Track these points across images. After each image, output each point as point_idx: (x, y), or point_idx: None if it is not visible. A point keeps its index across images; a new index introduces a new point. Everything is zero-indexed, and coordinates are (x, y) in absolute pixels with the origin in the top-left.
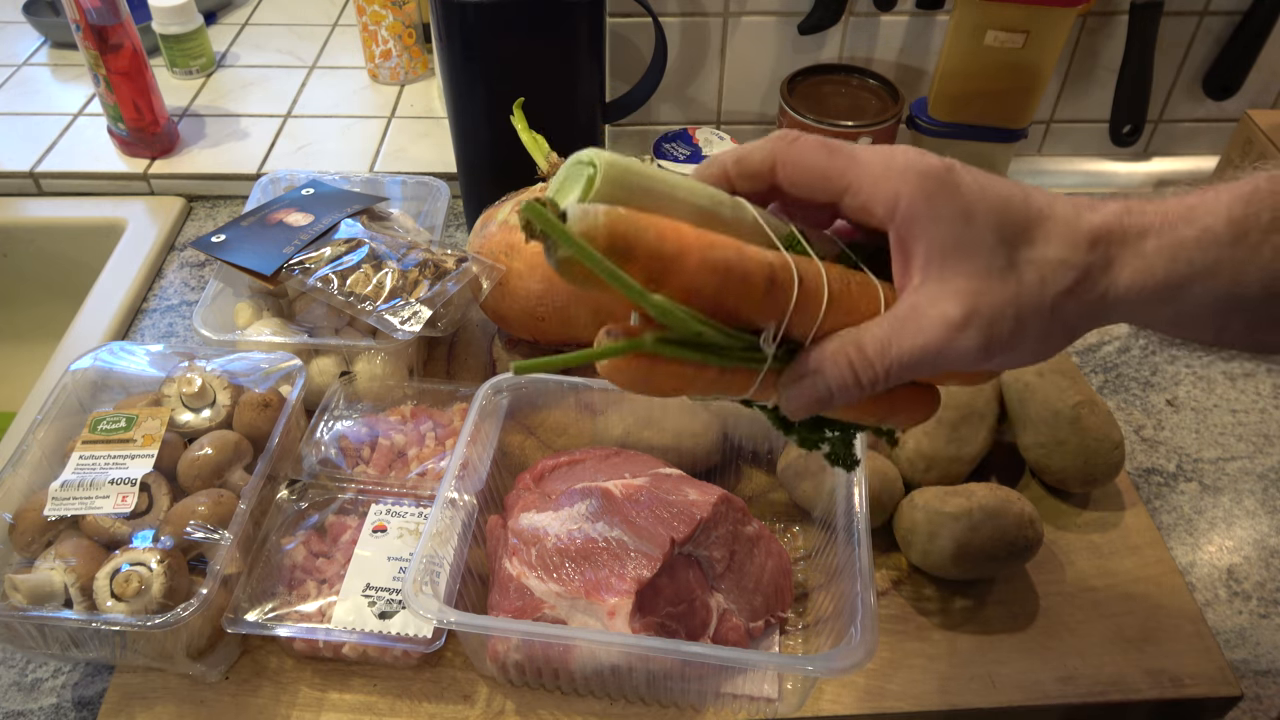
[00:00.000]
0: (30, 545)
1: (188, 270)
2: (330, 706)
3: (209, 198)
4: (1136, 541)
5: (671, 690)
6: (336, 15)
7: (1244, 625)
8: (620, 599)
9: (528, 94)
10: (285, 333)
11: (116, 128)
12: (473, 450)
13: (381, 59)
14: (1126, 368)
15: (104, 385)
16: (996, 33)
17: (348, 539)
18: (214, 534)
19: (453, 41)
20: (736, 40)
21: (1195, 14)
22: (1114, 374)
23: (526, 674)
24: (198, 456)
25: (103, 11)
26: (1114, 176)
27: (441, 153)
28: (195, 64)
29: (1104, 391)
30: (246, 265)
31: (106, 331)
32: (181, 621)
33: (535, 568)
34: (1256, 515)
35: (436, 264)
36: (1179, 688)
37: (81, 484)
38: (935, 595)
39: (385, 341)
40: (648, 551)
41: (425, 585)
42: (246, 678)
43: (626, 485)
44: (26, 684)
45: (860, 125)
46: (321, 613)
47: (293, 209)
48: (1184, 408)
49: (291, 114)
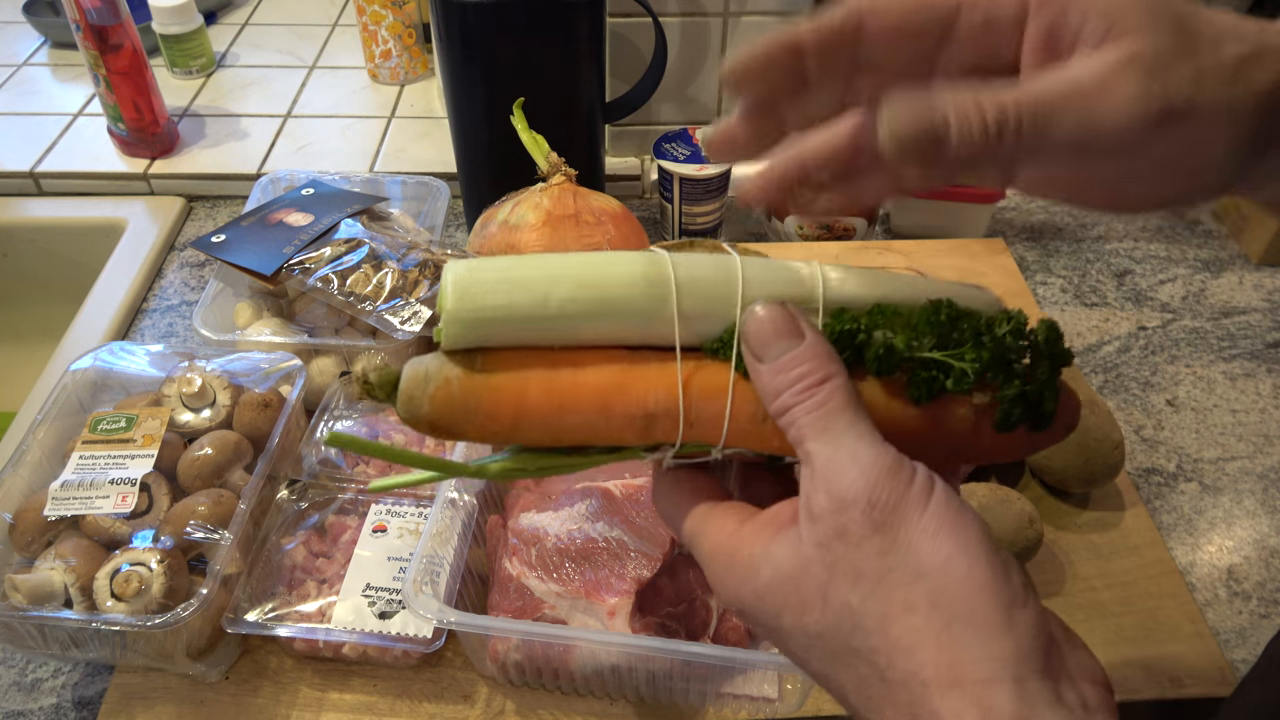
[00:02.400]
0: (30, 545)
1: (188, 270)
2: (330, 706)
3: (209, 198)
4: (1136, 541)
5: (671, 690)
6: (336, 15)
7: (1244, 625)
8: (620, 599)
9: (528, 94)
10: (285, 333)
11: (116, 128)
12: (472, 450)
13: (381, 59)
14: (1126, 368)
15: (104, 385)
16: None
17: (348, 539)
18: (214, 534)
19: (453, 41)
20: (736, 40)
21: None
22: (1114, 374)
23: (526, 674)
24: (198, 456)
25: (103, 11)
26: None
27: (441, 153)
28: (195, 64)
29: (1104, 391)
30: (246, 265)
31: (106, 331)
32: (181, 621)
33: (535, 568)
34: (1256, 515)
35: (436, 264)
36: (1179, 688)
37: (81, 484)
38: None
39: (385, 341)
40: (648, 551)
41: (425, 585)
42: (246, 678)
43: (626, 485)
44: (26, 684)
45: None
46: (321, 613)
47: (293, 209)
48: (1184, 408)
49: (291, 114)
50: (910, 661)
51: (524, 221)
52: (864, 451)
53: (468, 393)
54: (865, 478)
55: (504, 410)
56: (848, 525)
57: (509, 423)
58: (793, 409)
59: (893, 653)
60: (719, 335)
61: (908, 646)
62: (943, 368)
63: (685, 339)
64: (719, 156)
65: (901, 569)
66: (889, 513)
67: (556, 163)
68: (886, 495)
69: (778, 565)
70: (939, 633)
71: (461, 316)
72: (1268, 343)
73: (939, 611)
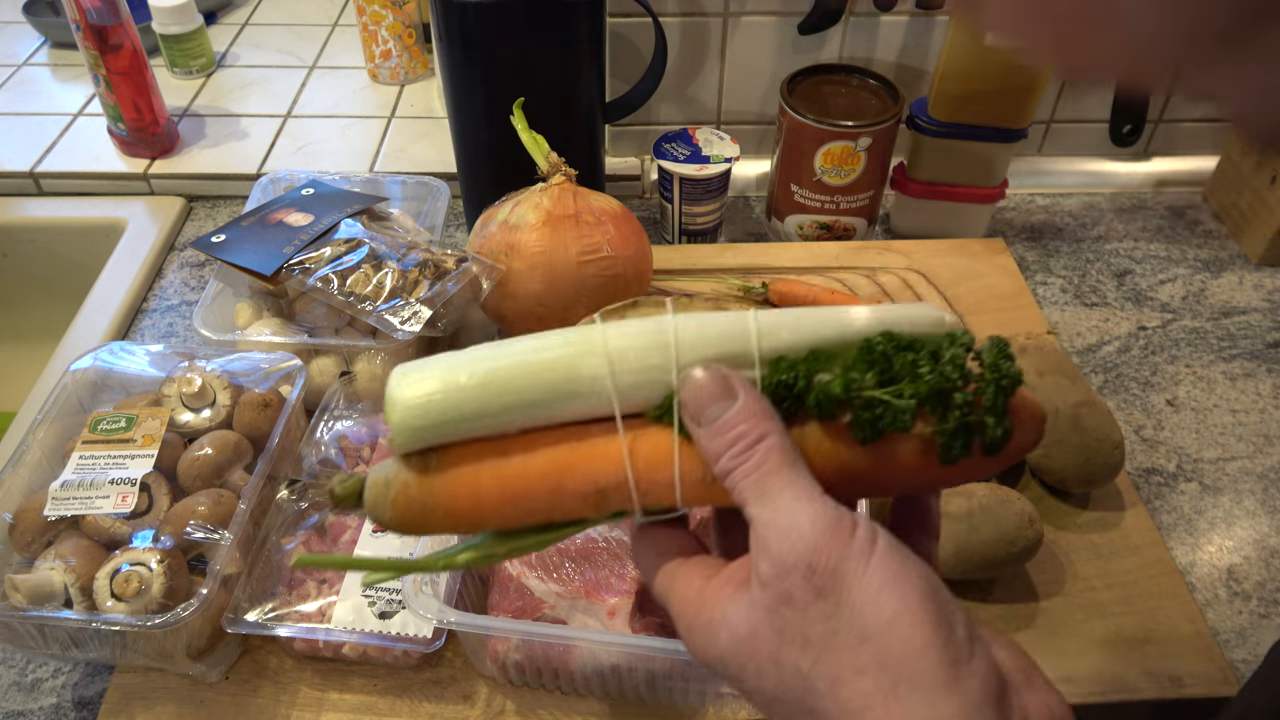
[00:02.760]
0: (30, 545)
1: (188, 270)
2: (330, 706)
3: (209, 198)
4: (1136, 541)
5: (671, 690)
6: (336, 15)
7: (1244, 625)
8: (620, 599)
9: (528, 94)
10: (285, 333)
11: (116, 128)
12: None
13: (381, 59)
14: (1126, 368)
15: (104, 385)
16: None
17: (348, 539)
18: (214, 534)
19: (453, 41)
20: (736, 40)
21: None
22: (1114, 374)
23: (526, 674)
24: (198, 456)
25: (103, 11)
26: (1114, 176)
27: (441, 153)
28: (195, 64)
29: (1104, 391)
30: (246, 265)
31: (106, 331)
32: (181, 621)
33: (535, 567)
34: (1256, 515)
35: (436, 264)
36: (1179, 688)
37: (81, 484)
38: None
39: (385, 341)
40: None
41: (425, 585)
42: (246, 678)
43: None
44: (26, 684)
45: (860, 125)
46: (321, 613)
47: (293, 209)
48: (1184, 408)
49: (291, 114)
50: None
51: (524, 221)
52: (801, 513)
53: (425, 494)
54: (804, 541)
55: (460, 505)
56: (791, 591)
57: (468, 516)
58: (733, 472)
59: (843, 715)
60: (659, 401)
61: (856, 709)
62: (885, 405)
63: (627, 408)
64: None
65: (846, 632)
66: (829, 576)
67: (556, 163)
68: (825, 558)
69: (733, 629)
70: (886, 694)
71: (407, 425)
72: (1268, 343)
73: (885, 674)
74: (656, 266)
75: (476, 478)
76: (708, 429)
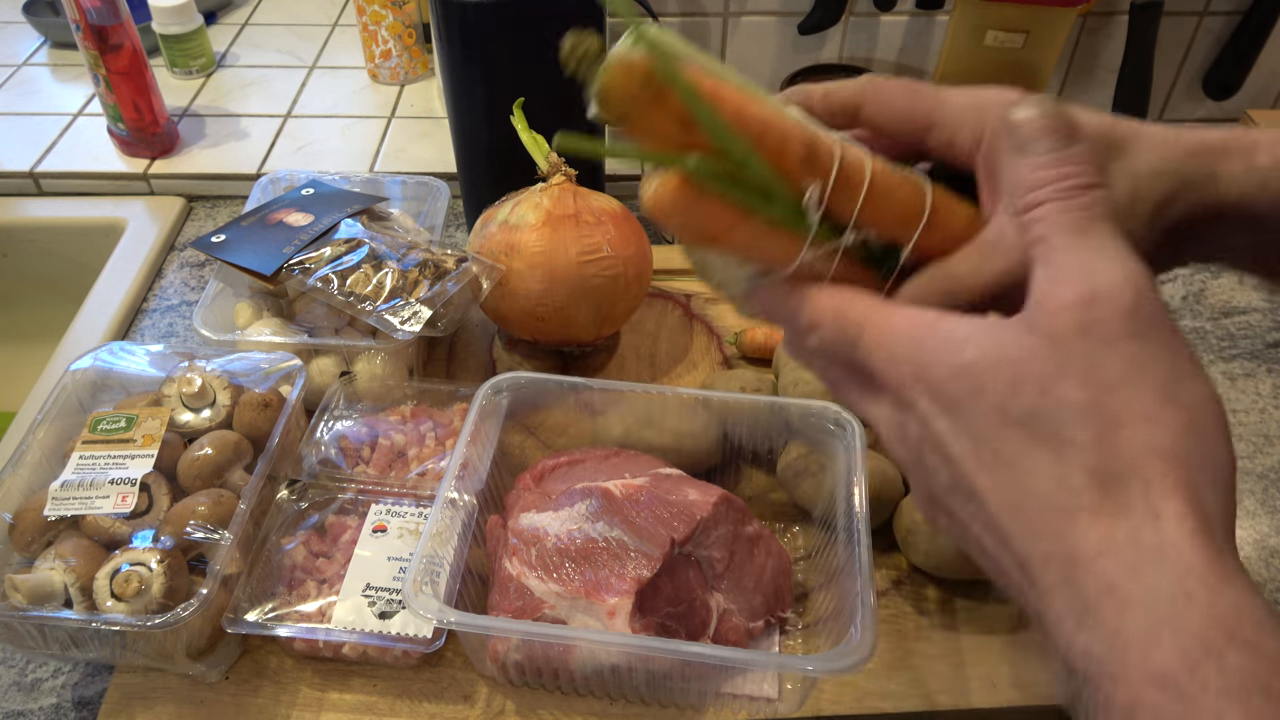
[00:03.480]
0: (30, 545)
1: (188, 270)
2: (330, 706)
3: (209, 198)
4: None
5: (671, 690)
6: (336, 15)
7: None
8: (620, 599)
9: (528, 94)
10: (285, 333)
11: (116, 128)
12: (473, 450)
13: (381, 59)
14: None
15: (104, 385)
16: (996, 33)
17: (348, 539)
18: (214, 534)
19: (453, 41)
20: (736, 40)
21: (1195, 14)
22: None
23: (526, 674)
24: (198, 456)
25: (103, 11)
26: None
27: (441, 153)
28: (195, 64)
29: None
30: (246, 265)
31: (106, 331)
32: (181, 621)
33: (535, 568)
34: (1256, 515)
35: (436, 264)
36: None
37: (81, 484)
38: (935, 595)
39: (385, 341)
40: (648, 551)
41: (425, 585)
42: (246, 678)
43: (626, 485)
44: (26, 684)
45: None
46: (321, 613)
47: (293, 209)
48: None
49: (291, 114)
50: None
51: (524, 221)
52: (1131, 259)
53: (675, 59)
54: (1131, 283)
55: (705, 83)
56: (1097, 322)
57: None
58: (1048, 203)
59: (1110, 458)
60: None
61: (1133, 456)
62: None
63: None
64: None
65: (1151, 388)
66: (1152, 325)
67: (556, 163)
68: (1151, 308)
69: (986, 349)
70: (1173, 442)
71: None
72: (1268, 343)
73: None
74: (656, 266)
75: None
76: (1036, 159)
